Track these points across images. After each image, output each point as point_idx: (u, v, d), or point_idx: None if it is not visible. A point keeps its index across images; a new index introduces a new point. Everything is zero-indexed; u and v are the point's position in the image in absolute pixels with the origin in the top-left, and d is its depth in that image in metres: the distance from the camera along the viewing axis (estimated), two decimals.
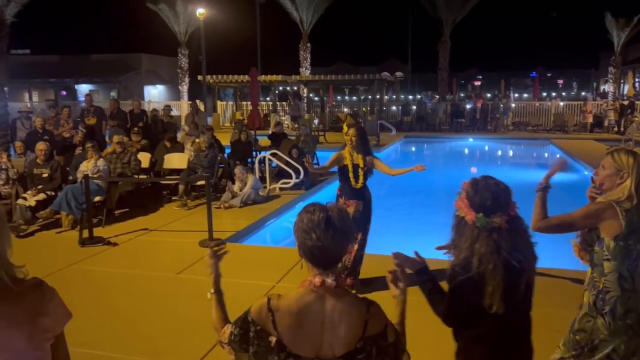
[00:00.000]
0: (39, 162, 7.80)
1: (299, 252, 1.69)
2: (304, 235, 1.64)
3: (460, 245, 2.09)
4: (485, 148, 20.29)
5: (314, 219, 1.63)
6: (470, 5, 27.90)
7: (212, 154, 9.35)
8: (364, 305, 1.65)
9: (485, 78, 50.37)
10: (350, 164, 5.14)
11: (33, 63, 36.31)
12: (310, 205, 1.71)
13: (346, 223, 1.66)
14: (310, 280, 1.64)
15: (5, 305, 1.46)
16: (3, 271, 1.48)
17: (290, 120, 23.16)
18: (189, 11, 29.33)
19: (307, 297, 1.63)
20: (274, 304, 1.63)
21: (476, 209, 2.03)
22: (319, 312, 1.61)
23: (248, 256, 6.33)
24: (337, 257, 1.66)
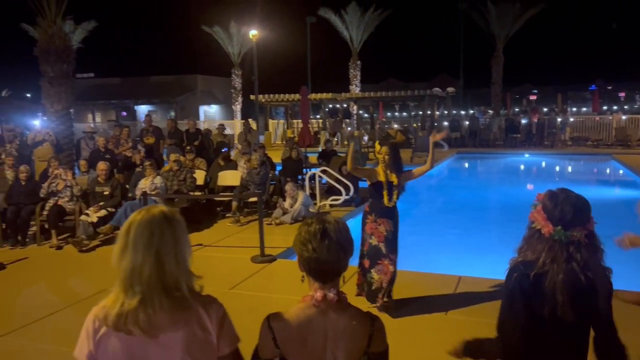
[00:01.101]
0: (100, 180, 8.17)
1: (299, 266, 1.70)
2: (301, 247, 1.65)
3: (527, 250, 2.02)
4: (543, 164, 19.61)
5: (311, 230, 1.64)
6: (523, 19, 27.35)
7: (264, 171, 9.51)
8: (368, 320, 1.64)
9: (540, 92, 48.95)
10: (384, 180, 5.00)
11: (96, 86, 38.35)
12: (309, 217, 1.73)
13: (343, 235, 1.65)
14: (312, 295, 1.64)
15: (176, 314, 1.54)
16: (184, 281, 1.56)
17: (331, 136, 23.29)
18: (242, 33, 30.25)
19: (309, 311, 1.62)
20: (273, 323, 1.63)
21: (555, 222, 1.95)
22: (321, 327, 1.60)
23: (298, 273, 6.34)
24: (335, 269, 1.65)
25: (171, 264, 1.54)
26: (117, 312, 1.51)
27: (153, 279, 1.52)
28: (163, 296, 1.52)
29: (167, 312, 1.53)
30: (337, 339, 1.59)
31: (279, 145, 24.12)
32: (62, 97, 11.86)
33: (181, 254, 1.58)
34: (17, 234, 7.67)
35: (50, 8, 11.85)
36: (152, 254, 1.53)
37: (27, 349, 4.41)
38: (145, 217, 1.58)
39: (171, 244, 1.56)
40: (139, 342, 1.53)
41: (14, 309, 5.29)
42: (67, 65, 11.97)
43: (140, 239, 1.54)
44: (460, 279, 5.71)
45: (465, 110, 42.63)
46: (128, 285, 1.53)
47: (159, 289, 1.52)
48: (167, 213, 1.61)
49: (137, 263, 1.53)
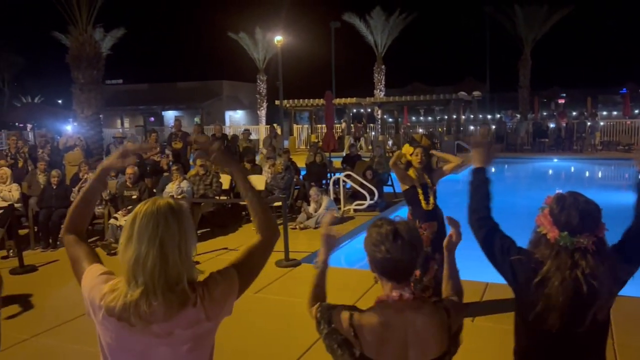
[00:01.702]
0: (128, 185, 8.32)
1: (371, 267, 1.73)
2: (373, 249, 1.68)
3: (533, 249, 1.97)
4: (572, 169, 19.22)
5: (382, 232, 1.67)
6: (551, 21, 26.92)
7: (288, 175, 9.56)
8: (443, 312, 1.68)
9: (569, 95, 48.01)
10: (418, 183, 4.92)
11: (124, 92, 39.16)
12: (377, 220, 1.76)
13: (414, 234, 1.69)
14: (388, 295, 1.66)
15: (176, 308, 1.53)
16: (186, 274, 1.56)
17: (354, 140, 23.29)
18: (267, 39, 30.52)
19: (387, 312, 1.64)
20: (355, 321, 1.64)
21: (560, 227, 1.87)
22: (400, 327, 1.62)
23: None
24: (408, 268, 1.68)
25: (175, 256, 1.53)
26: (121, 304, 1.52)
27: (156, 270, 1.51)
28: (165, 289, 1.52)
29: (167, 305, 1.52)
30: (418, 337, 1.62)
31: (303, 150, 24.22)
32: (92, 102, 12.18)
33: (185, 246, 1.57)
34: (48, 237, 7.87)
35: (82, 17, 12.19)
36: (156, 245, 1.52)
37: (57, 349, 4.51)
38: (151, 208, 1.57)
39: (176, 235, 1.55)
40: (137, 334, 1.54)
41: (45, 310, 5.42)
42: (97, 72, 12.30)
43: (145, 230, 1.53)
44: (487, 285, 5.63)
45: (492, 114, 42.11)
46: (131, 276, 1.53)
47: (162, 281, 1.51)
48: (173, 204, 1.60)
49: (141, 254, 1.52)
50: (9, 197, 8.03)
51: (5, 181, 8.23)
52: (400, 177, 5.04)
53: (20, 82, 44.38)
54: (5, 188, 8.16)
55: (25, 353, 4.43)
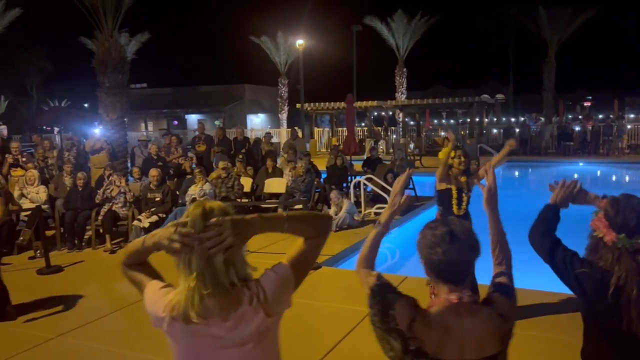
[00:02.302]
0: (152, 187, 8.43)
1: (426, 270, 1.68)
2: (429, 251, 1.63)
3: (595, 258, 1.93)
4: (598, 173, 18.83)
5: (437, 233, 1.63)
6: (577, 23, 26.47)
7: (309, 178, 9.57)
8: (499, 317, 1.64)
9: (595, 98, 47.06)
10: (454, 187, 4.83)
11: (149, 95, 39.76)
12: (431, 222, 1.72)
13: (471, 235, 1.64)
14: (446, 298, 1.63)
15: (239, 309, 1.59)
16: (240, 274, 1.63)
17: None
18: (288, 42, 30.67)
19: (446, 315, 1.62)
20: (417, 327, 1.60)
21: (617, 230, 1.86)
22: (458, 330, 1.60)
23: (343, 280, 6.34)
24: (465, 270, 1.64)
25: (219, 257, 1.59)
26: (182, 306, 1.57)
27: (202, 272, 1.58)
28: (217, 289, 1.57)
29: (222, 304, 1.58)
30: (475, 340, 1.60)
31: (324, 153, 24.24)
32: (117, 106, 12.38)
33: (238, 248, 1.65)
34: (74, 238, 8.02)
35: (107, 22, 12.42)
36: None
37: (81, 349, 4.59)
38: (204, 211, 1.63)
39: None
40: (202, 337, 1.60)
41: (70, 310, 5.52)
42: (122, 76, 12.50)
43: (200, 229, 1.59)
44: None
45: (515, 117, 41.56)
46: (199, 283, 1.58)
47: (213, 282, 1.57)
48: (223, 207, 1.67)
49: (185, 259, 1.59)
50: (37, 199, 8.21)
51: (33, 183, 8.42)
52: (442, 176, 4.90)
53: (48, 87, 45.39)
54: (33, 190, 8.36)
55: (51, 352, 4.52)
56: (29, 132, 26.59)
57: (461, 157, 4.84)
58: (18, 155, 9.98)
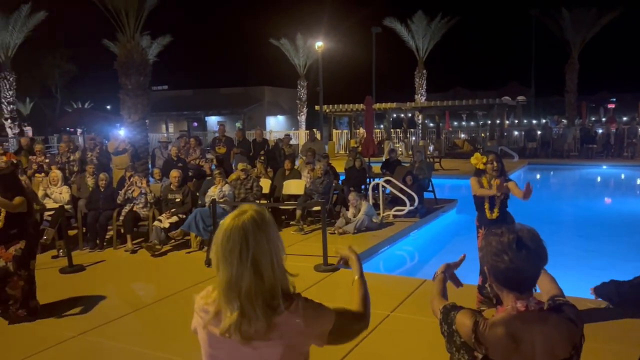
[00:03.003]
0: (172, 188, 8.52)
1: (489, 278, 1.66)
2: (495, 259, 1.60)
3: None
4: (622, 176, 18.47)
5: (504, 240, 1.59)
6: (600, 24, 26.04)
7: (327, 180, 9.57)
8: (572, 324, 1.61)
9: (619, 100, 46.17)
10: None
11: (169, 97, 40.23)
12: (496, 228, 1.68)
13: (539, 243, 1.61)
14: (513, 306, 1.60)
15: (270, 318, 1.52)
16: (280, 286, 1.55)
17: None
18: (308, 44, 30.73)
19: (513, 323, 1.58)
20: (481, 331, 1.57)
21: None
22: (528, 339, 1.57)
23: None
24: (532, 278, 1.61)
25: (269, 272, 1.52)
26: (222, 326, 1.53)
27: (252, 291, 1.50)
28: (264, 306, 1.51)
29: (265, 319, 1.51)
30: (547, 349, 1.57)
31: (342, 155, 24.21)
32: (139, 108, 12.56)
33: (277, 257, 1.55)
34: (95, 238, 8.14)
35: (130, 25, 12.60)
36: (248, 265, 1.50)
37: (103, 347, 4.66)
38: (237, 225, 1.53)
39: (267, 250, 1.53)
40: (238, 349, 1.55)
41: (92, 309, 5.60)
42: (143, 78, 12.67)
43: (232, 251, 1.51)
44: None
45: (537, 119, 40.99)
46: (226, 299, 1.53)
47: (260, 300, 1.50)
48: (256, 218, 1.56)
49: (233, 277, 1.51)
50: (60, 199, 8.36)
51: (56, 183, 8.57)
52: (475, 187, 4.95)
53: (71, 89, 46.27)
54: (57, 190, 8.51)
55: (73, 350, 4.59)
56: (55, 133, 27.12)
57: (494, 162, 4.84)
58: (41, 158, 10.16)
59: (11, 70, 24.57)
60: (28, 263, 5.30)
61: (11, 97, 24.54)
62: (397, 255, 8.46)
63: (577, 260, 7.89)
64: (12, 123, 24.51)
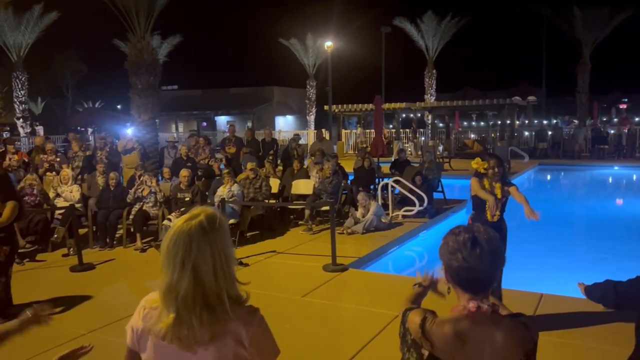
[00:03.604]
0: (182, 187, 8.54)
1: (446, 276, 1.65)
2: (449, 257, 1.60)
3: None
4: (634, 177, 18.27)
5: (460, 239, 1.59)
6: (613, 24, 25.80)
7: (336, 180, 9.56)
8: (524, 329, 1.59)
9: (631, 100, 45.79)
10: (489, 195, 4.78)
11: (179, 97, 40.40)
12: (455, 227, 1.68)
13: (494, 243, 1.59)
14: (464, 306, 1.58)
15: (214, 325, 1.48)
16: (226, 293, 1.49)
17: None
18: (317, 44, 30.73)
19: (463, 323, 1.56)
20: (427, 327, 1.58)
21: None
22: (476, 339, 1.55)
23: (370, 283, 6.31)
24: (487, 279, 1.59)
25: (210, 280, 1.48)
26: (159, 328, 1.50)
27: (189, 298, 1.47)
28: (204, 312, 1.47)
29: (207, 326, 1.48)
30: (494, 352, 1.54)
31: (351, 155, 24.17)
32: (149, 107, 12.61)
33: (222, 265, 1.50)
34: (105, 237, 8.19)
35: (140, 25, 12.67)
36: (188, 271, 1.47)
37: (112, 345, 4.67)
38: (184, 229, 1.50)
39: (209, 258, 1.48)
40: (175, 354, 1.52)
41: (102, 307, 5.63)
42: (153, 78, 12.73)
43: (176, 256, 1.48)
44: (542, 296, 5.43)
45: (548, 119, 40.70)
46: (165, 302, 1.50)
47: (199, 306, 1.47)
48: (205, 223, 1.51)
49: (173, 281, 1.48)
50: (70, 198, 8.42)
51: (67, 182, 8.63)
52: (476, 188, 4.88)
53: (82, 88, 46.60)
54: (67, 189, 8.57)
55: None
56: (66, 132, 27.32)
57: (495, 167, 4.78)
58: (52, 156, 10.21)
59: (23, 70, 24.78)
60: (8, 269, 5.11)
61: (23, 96, 24.75)
62: (406, 255, 8.43)
63: (587, 260, 7.82)
64: (24, 122, 24.73)
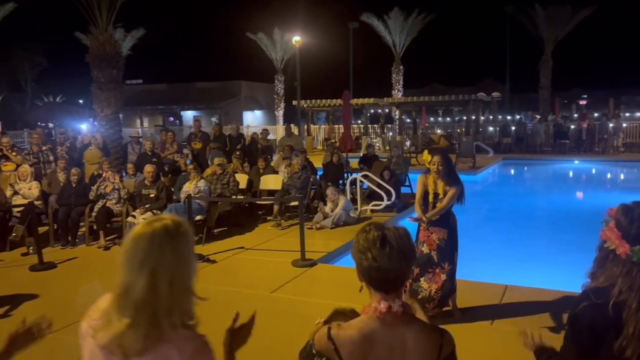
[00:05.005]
0: (147, 183, 8.37)
1: (358, 275, 1.61)
2: (360, 256, 1.56)
3: (600, 277, 1.78)
4: (593, 171, 18.87)
5: (369, 237, 1.56)
6: (574, 21, 26.51)
7: (305, 175, 9.53)
8: (438, 332, 1.57)
9: (591, 97, 47.19)
10: (431, 192, 4.90)
11: (144, 92, 39.59)
12: (367, 224, 1.64)
13: (404, 241, 1.56)
14: (375, 307, 1.54)
15: (152, 342, 1.39)
16: (179, 309, 1.41)
17: None
18: (285, 39, 30.58)
19: (372, 324, 1.53)
20: (334, 333, 1.54)
21: (631, 241, 1.70)
22: (386, 341, 1.51)
23: (338, 278, 6.31)
24: (397, 279, 1.55)
25: (165, 287, 1.39)
26: (104, 334, 1.42)
27: (143, 302, 1.38)
28: (151, 323, 1.38)
29: (147, 339, 1.38)
30: (406, 353, 1.51)
31: (319, 150, 24.18)
32: (112, 102, 12.27)
33: (182, 275, 1.43)
34: (67, 235, 7.95)
35: (102, 17, 12.31)
36: (145, 274, 1.38)
37: (75, 346, 4.53)
38: (146, 231, 1.43)
39: (169, 263, 1.40)
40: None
41: (64, 307, 5.46)
42: (116, 71, 12.39)
43: (135, 257, 1.40)
44: (506, 288, 5.54)
45: (512, 115, 41.61)
46: (117, 305, 1.42)
47: (149, 315, 1.38)
48: (170, 227, 1.44)
49: (128, 283, 1.40)
50: (29, 195, 8.14)
51: (25, 179, 8.34)
52: (423, 189, 5.03)
53: (42, 82, 45.09)
54: (26, 186, 8.28)
55: (43, 349, 4.44)
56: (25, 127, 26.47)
57: (437, 165, 4.82)
58: (8, 151, 9.85)
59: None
60: None
61: None
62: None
63: (550, 252, 8.02)
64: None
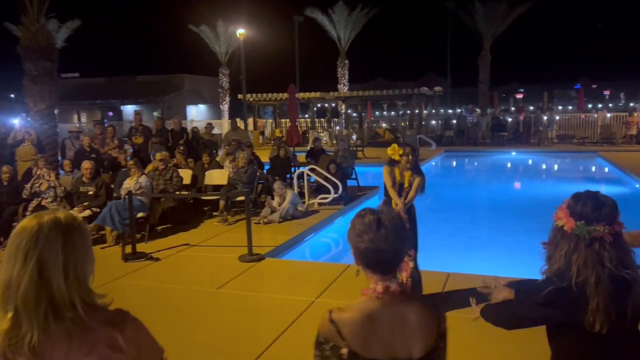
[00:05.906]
0: (85, 180, 8.04)
1: (355, 259, 1.67)
2: (356, 239, 1.62)
3: (555, 256, 1.95)
4: (529, 162, 19.76)
5: (365, 221, 1.62)
6: (510, 18, 27.50)
7: (251, 170, 9.43)
8: (434, 308, 1.64)
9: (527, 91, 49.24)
10: (397, 182, 5.08)
11: (81, 85, 37.93)
12: (362, 210, 1.70)
13: (397, 223, 1.63)
14: (373, 288, 1.60)
15: (75, 338, 1.34)
16: (79, 299, 1.36)
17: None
18: (229, 32, 30.07)
19: (372, 304, 1.58)
20: (335, 316, 1.57)
21: (576, 217, 1.90)
22: (387, 319, 1.56)
23: (286, 271, 6.30)
24: (393, 259, 1.62)
25: (59, 281, 1.33)
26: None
27: (31, 297, 1.31)
28: (50, 318, 1.32)
29: (63, 336, 1.33)
30: (408, 330, 1.56)
31: (267, 144, 24.03)
32: (46, 95, 11.67)
33: (76, 268, 1.37)
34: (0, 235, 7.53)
35: (33, 6, 11.67)
36: (31, 267, 1.32)
37: None
38: (32, 224, 1.37)
39: (59, 255, 1.35)
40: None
41: None
42: (50, 64, 11.78)
43: (21, 249, 1.34)
44: (449, 275, 5.70)
45: (453, 108, 42.86)
46: (1, 302, 1.34)
47: (42, 309, 1.32)
48: (61, 220, 1.39)
49: (14, 277, 1.32)
50: None
51: None
52: (387, 182, 5.16)
53: None
54: None
55: None
56: None
57: (409, 155, 5.00)
58: None
59: None
60: None
61: None
62: (322, 242, 8.52)
63: (490, 241, 8.33)
64: None
